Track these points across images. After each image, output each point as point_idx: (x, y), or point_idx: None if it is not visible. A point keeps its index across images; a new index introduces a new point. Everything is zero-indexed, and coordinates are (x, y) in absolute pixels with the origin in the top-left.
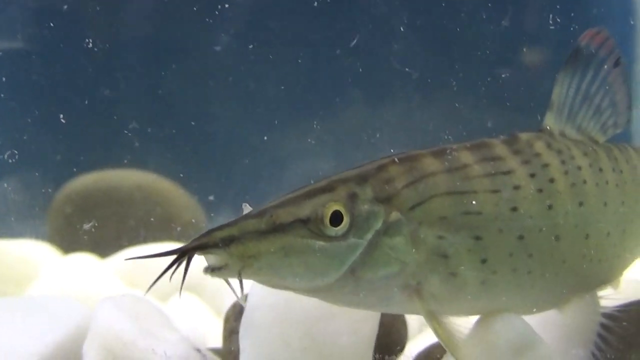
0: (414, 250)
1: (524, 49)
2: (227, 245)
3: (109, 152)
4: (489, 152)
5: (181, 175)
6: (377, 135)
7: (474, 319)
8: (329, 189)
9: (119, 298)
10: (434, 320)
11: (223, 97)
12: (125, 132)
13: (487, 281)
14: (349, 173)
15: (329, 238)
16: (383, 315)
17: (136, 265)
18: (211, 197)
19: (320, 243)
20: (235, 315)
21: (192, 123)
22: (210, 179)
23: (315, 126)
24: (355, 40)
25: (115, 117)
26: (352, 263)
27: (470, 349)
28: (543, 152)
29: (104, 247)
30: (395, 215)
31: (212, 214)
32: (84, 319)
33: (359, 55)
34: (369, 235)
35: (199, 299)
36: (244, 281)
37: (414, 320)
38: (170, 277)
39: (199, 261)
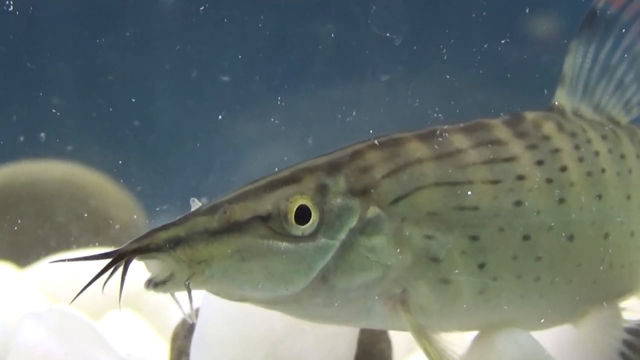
0: (397, 252)
1: (529, 10)
2: (172, 248)
3: (28, 139)
4: (488, 134)
5: (116, 166)
6: (353, 114)
7: (471, 335)
8: (293, 179)
9: (44, 313)
10: (423, 337)
11: (167, 69)
12: (49, 114)
13: (486, 290)
14: (317, 161)
15: (295, 238)
16: (362, 332)
17: (62, 276)
18: (149, 192)
19: (284, 244)
20: (185, 333)
21: (132, 100)
22: (152, 170)
23: (279, 103)
24: None
25: (37, 96)
26: (323, 268)
27: None
28: (553, 134)
29: (22, 254)
30: (373, 210)
31: (154, 213)
32: (1, 338)
33: (332, 17)
34: (342, 235)
35: (139, 315)
36: (195, 292)
37: (399, 337)
38: (103, 287)
39: (139, 269)
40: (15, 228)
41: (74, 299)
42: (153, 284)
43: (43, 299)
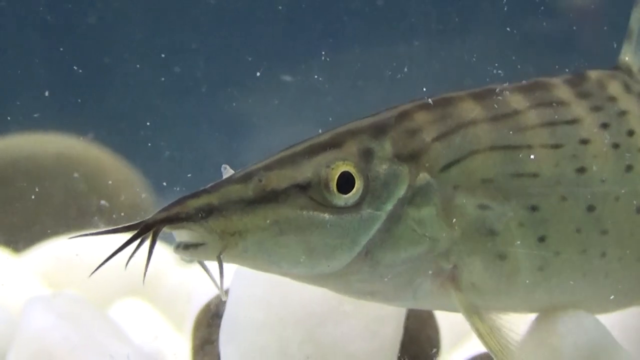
0: (448, 224)
1: None
2: (204, 218)
3: (22, 110)
4: (548, 94)
5: (120, 140)
6: (405, 70)
7: (530, 317)
8: (335, 144)
9: (51, 298)
10: (477, 318)
11: (176, 37)
12: (44, 83)
13: (547, 266)
14: (361, 123)
15: (337, 209)
16: (408, 317)
17: (62, 262)
18: (156, 169)
19: (326, 216)
20: (208, 320)
21: (137, 66)
22: (159, 146)
23: (324, 59)
24: None
25: (31, 63)
26: (368, 242)
27: (526, 357)
28: (619, 95)
29: (17, 238)
30: (423, 177)
31: (163, 192)
32: (4, 325)
33: None
34: (389, 206)
35: (151, 306)
36: (227, 267)
37: (449, 321)
38: (127, 264)
39: (152, 255)
40: (8, 208)
41: (102, 264)
42: (183, 246)
43: (41, 287)
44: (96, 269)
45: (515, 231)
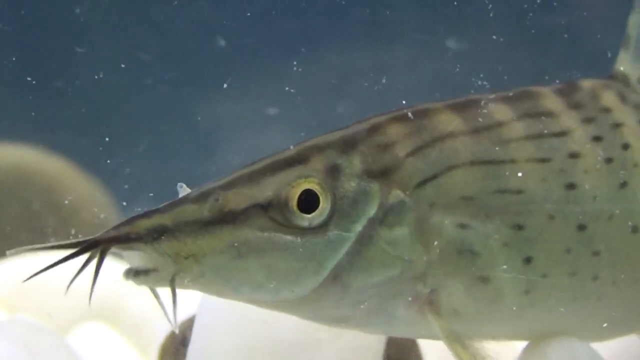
0: (424, 244)
1: None
2: (155, 240)
3: None
4: (535, 104)
5: (81, 151)
6: (383, 81)
7: (518, 345)
8: (299, 159)
9: (5, 324)
10: (459, 346)
11: (142, 38)
12: None
13: (534, 289)
14: (329, 137)
15: (301, 230)
16: (389, 346)
17: (16, 282)
18: (125, 185)
19: (288, 238)
20: (175, 346)
21: (97, 76)
22: (123, 156)
23: (295, 68)
24: None
25: None
26: (336, 266)
27: None
28: (614, 106)
29: None
30: (396, 195)
31: (127, 209)
32: None
33: None
34: (359, 226)
35: (115, 330)
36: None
37: (435, 348)
38: (68, 286)
39: (113, 275)
40: None
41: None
42: (133, 272)
43: None
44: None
45: (499, 252)
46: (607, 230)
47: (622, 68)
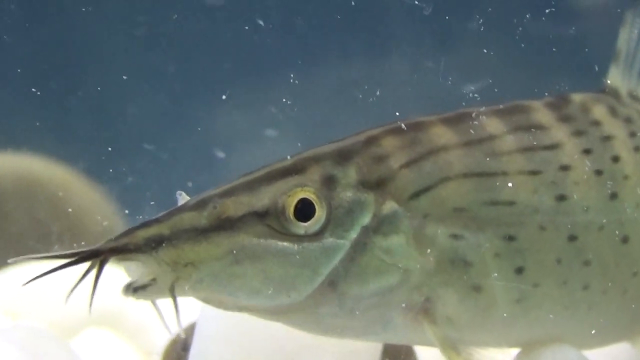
0: (418, 254)
1: None
2: (154, 249)
3: None
4: (526, 118)
5: (84, 160)
6: (377, 94)
7: (511, 352)
8: (295, 169)
9: (9, 330)
10: (454, 353)
11: (144, 49)
12: (3, 98)
13: (525, 298)
14: (326, 148)
15: (297, 237)
16: (386, 353)
17: (19, 290)
18: (126, 192)
19: (284, 244)
20: (177, 353)
21: (98, 88)
22: (127, 165)
23: (291, 81)
24: None
25: None
26: (331, 273)
27: None
28: (604, 119)
29: None
30: (390, 205)
31: (132, 217)
32: None
33: None
34: (353, 234)
35: (117, 334)
36: (191, 304)
37: (431, 354)
38: (68, 296)
39: (117, 281)
40: None
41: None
42: (132, 288)
43: (2, 316)
44: (69, 293)
45: (491, 262)
46: (597, 240)
47: (613, 81)
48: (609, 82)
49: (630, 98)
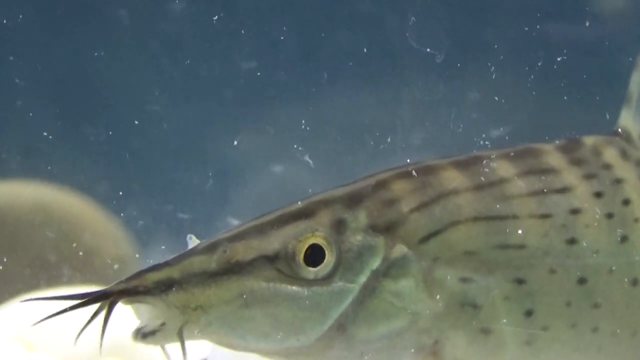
0: (428, 297)
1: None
2: (164, 292)
3: None
4: (537, 161)
5: (101, 190)
6: (388, 140)
7: None
8: (306, 214)
9: None
10: None
11: (162, 76)
12: (21, 125)
13: (535, 341)
14: (336, 192)
15: (307, 282)
16: None
17: (34, 320)
18: (141, 222)
19: (294, 289)
20: None
21: (131, 121)
22: (148, 197)
23: (301, 125)
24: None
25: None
26: (340, 316)
27: None
28: (615, 162)
29: None
30: (400, 249)
31: (149, 250)
32: None
33: (364, 29)
34: (363, 278)
35: None
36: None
37: None
38: (78, 336)
39: (129, 315)
40: None
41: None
42: (142, 334)
43: (15, 346)
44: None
45: (501, 305)
46: (607, 283)
47: (624, 124)
48: (621, 124)
49: None
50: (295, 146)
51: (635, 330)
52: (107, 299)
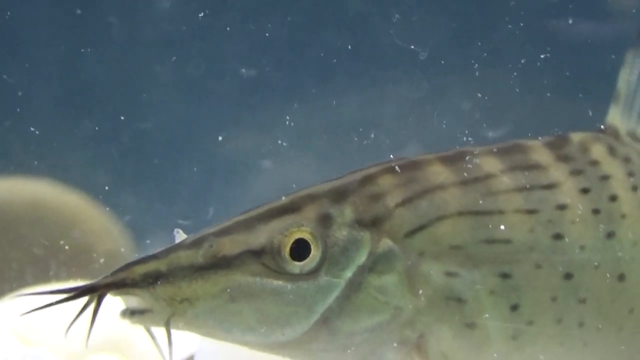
0: (413, 291)
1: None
2: (151, 285)
3: None
4: (524, 157)
5: (98, 185)
6: (372, 136)
7: None
8: (292, 208)
9: (19, 358)
10: None
11: (160, 76)
12: (18, 123)
13: (520, 335)
14: (322, 187)
15: (293, 276)
16: None
17: (30, 315)
18: (133, 217)
19: (280, 283)
20: None
21: (123, 118)
22: (142, 194)
23: (287, 122)
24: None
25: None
26: (325, 310)
27: None
28: (602, 159)
29: None
30: (385, 244)
31: (144, 245)
32: None
33: (348, 27)
34: (348, 273)
35: None
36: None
37: None
38: (68, 329)
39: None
40: None
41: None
42: (129, 312)
43: (13, 341)
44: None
45: (486, 299)
46: (593, 278)
47: (612, 121)
48: (609, 121)
49: (629, 138)
50: (282, 143)
51: (621, 326)
52: (95, 292)
